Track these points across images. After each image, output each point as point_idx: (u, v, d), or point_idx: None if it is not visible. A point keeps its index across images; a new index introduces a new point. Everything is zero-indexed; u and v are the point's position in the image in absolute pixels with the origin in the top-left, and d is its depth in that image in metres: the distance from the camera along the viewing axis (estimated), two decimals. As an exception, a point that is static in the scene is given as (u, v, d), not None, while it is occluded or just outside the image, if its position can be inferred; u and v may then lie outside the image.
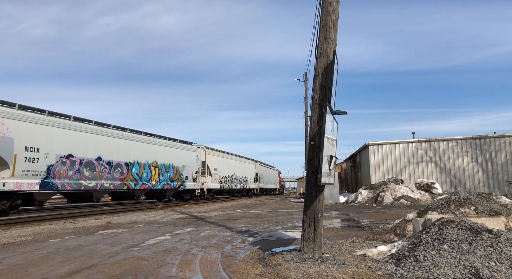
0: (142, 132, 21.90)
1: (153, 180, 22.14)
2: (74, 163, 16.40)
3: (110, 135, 18.96)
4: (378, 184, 23.00)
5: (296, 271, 4.51)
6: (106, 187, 18.21)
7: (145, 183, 21.41)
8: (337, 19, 5.64)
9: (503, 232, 4.67)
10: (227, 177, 34.21)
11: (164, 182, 23.40)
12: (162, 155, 23.44)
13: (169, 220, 12.32)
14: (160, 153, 23.24)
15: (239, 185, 38.15)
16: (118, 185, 19.05)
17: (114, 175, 18.84)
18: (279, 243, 7.02)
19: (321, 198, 5.49)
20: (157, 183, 22.59)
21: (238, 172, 37.68)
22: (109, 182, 18.45)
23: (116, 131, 19.45)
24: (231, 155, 36.64)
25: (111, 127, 19.20)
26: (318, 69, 5.61)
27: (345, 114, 5.82)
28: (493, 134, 26.12)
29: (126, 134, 20.29)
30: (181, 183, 25.38)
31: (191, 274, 4.65)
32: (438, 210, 8.11)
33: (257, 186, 46.28)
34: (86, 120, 17.76)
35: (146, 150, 21.79)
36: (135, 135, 21.11)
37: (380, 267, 4.62)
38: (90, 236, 8.26)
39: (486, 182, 25.50)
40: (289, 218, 12.40)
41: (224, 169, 33.62)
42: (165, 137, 24.32)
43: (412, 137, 29.01)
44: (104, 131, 18.55)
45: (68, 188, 15.88)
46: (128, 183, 19.88)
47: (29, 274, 4.71)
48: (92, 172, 17.38)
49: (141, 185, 20.99)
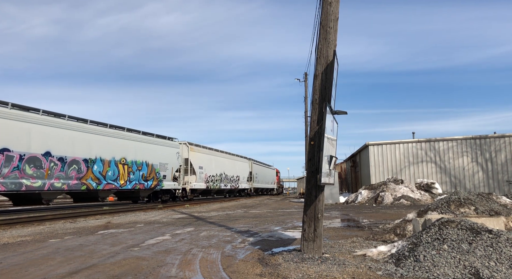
0: (108, 125, 19.16)
1: (121, 179, 19.39)
2: (11, 159, 13.81)
3: (64, 127, 16.28)
4: (378, 184, 23.00)
5: (296, 271, 4.51)
6: (57, 187, 15.53)
7: (111, 183, 18.69)
8: (337, 19, 5.64)
9: (503, 232, 4.67)
10: (215, 176, 31.55)
11: (136, 182, 20.68)
12: (134, 151, 20.71)
13: (169, 220, 12.32)
14: (131, 148, 20.51)
15: (230, 184, 35.44)
16: (74, 184, 16.39)
17: (68, 173, 16.15)
18: (279, 243, 7.02)
19: (321, 198, 5.49)
20: (127, 182, 19.84)
21: (228, 170, 35.00)
22: (61, 182, 15.74)
23: (71, 123, 16.78)
24: (220, 152, 34.04)
25: (66, 118, 16.55)
26: (318, 69, 5.61)
27: (345, 114, 5.82)
28: (493, 135, 26.12)
29: (86, 127, 17.60)
30: (157, 183, 22.73)
31: (191, 274, 4.65)
32: (438, 210, 8.11)
33: (251, 185, 43.46)
34: (33, 109, 15.23)
35: (113, 145, 19.08)
36: (98, 128, 18.40)
37: (380, 267, 4.62)
38: (90, 236, 8.26)
39: (486, 182, 25.50)
40: (289, 218, 12.40)
41: (211, 167, 30.97)
42: (138, 131, 21.70)
43: (412, 137, 29.01)
44: (56, 122, 15.92)
45: (2, 188, 13.36)
46: (88, 182, 17.23)
47: (29, 274, 4.71)
48: (38, 170, 14.79)
49: (106, 184, 18.26)
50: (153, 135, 23.07)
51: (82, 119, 17.62)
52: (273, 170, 59.69)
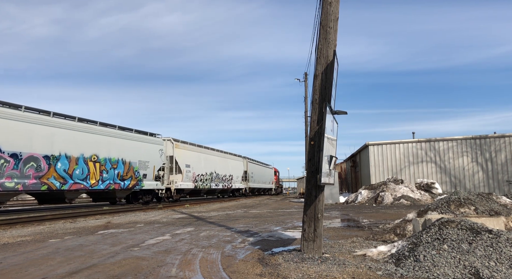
0: (76, 118, 17.07)
1: (91, 178, 17.31)
2: None
3: (19, 119, 14.27)
4: (378, 184, 23.01)
5: (296, 271, 4.51)
6: (8, 187, 13.49)
7: (79, 182, 16.61)
8: (337, 19, 5.64)
9: (503, 232, 4.67)
10: (204, 175, 29.47)
11: (110, 181, 18.56)
12: (107, 148, 18.58)
13: (169, 220, 12.32)
14: (104, 144, 18.39)
15: (222, 184, 33.22)
16: (32, 184, 14.41)
17: (24, 171, 14.18)
18: (279, 243, 7.02)
19: (321, 198, 5.49)
20: (99, 182, 17.77)
21: (220, 169, 32.92)
22: (15, 181, 13.72)
23: (29, 115, 14.78)
24: (210, 150, 31.87)
25: (23, 109, 14.58)
26: (318, 69, 5.61)
27: (345, 114, 5.82)
28: (493, 134, 26.12)
29: (48, 120, 15.58)
30: (136, 182, 20.59)
31: (191, 274, 4.65)
32: (438, 210, 8.11)
33: (246, 185, 41.19)
34: None
35: (82, 141, 17.00)
36: (63, 121, 16.37)
37: (380, 267, 4.62)
38: (90, 236, 8.26)
39: (486, 182, 25.50)
40: (289, 218, 12.40)
41: (200, 165, 28.92)
42: (114, 126, 19.53)
43: (412, 137, 29.02)
44: (8, 113, 13.91)
45: None
46: (51, 182, 15.23)
47: (29, 274, 4.71)
48: None
49: (72, 184, 16.18)
50: (132, 131, 21.03)
51: (44, 111, 15.67)
52: (271, 169, 57.41)
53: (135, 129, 21.29)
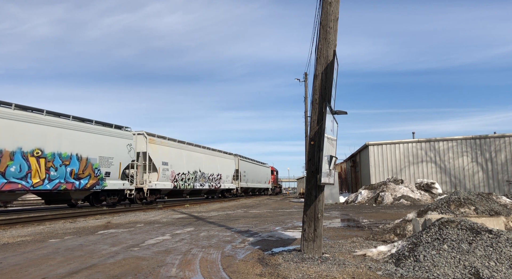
0: (13, 104, 14.12)
1: (34, 177, 14.48)
2: None
3: None
4: (378, 184, 23.01)
5: (296, 271, 4.51)
6: None
7: (15, 181, 13.77)
8: (337, 19, 5.64)
9: (503, 232, 4.67)
10: (186, 174, 26.54)
11: (60, 180, 15.67)
12: (57, 141, 15.68)
13: (169, 220, 12.32)
14: (52, 137, 15.49)
15: (208, 184, 30.23)
16: None
17: None
18: (279, 243, 7.02)
19: (321, 198, 5.49)
20: (44, 181, 14.94)
21: (206, 168, 29.89)
22: None
23: None
24: (194, 146, 28.92)
25: None
26: (318, 69, 5.61)
27: (345, 114, 5.82)
28: (493, 135, 26.13)
29: None
30: (96, 181, 17.62)
31: (191, 274, 4.65)
32: (438, 210, 8.11)
33: (238, 185, 38.36)
34: None
35: (19, 132, 14.10)
36: None
37: (380, 267, 4.62)
38: (90, 236, 8.26)
39: (486, 182, 25.51)
40: (289, 218, 12.40)
41: (182, 163, 25.98)
42: (68, 116, 16.66)
43: (412, 137, 29.03)
44: None
45: None
46: None
47: (29, 274, 4.71)
48: None
49: (5, 184, 13.36)
50: (92, 122, 18.05)
51: None
52: (267, 168, 54.05)
53: (96, 121, 18.33)
